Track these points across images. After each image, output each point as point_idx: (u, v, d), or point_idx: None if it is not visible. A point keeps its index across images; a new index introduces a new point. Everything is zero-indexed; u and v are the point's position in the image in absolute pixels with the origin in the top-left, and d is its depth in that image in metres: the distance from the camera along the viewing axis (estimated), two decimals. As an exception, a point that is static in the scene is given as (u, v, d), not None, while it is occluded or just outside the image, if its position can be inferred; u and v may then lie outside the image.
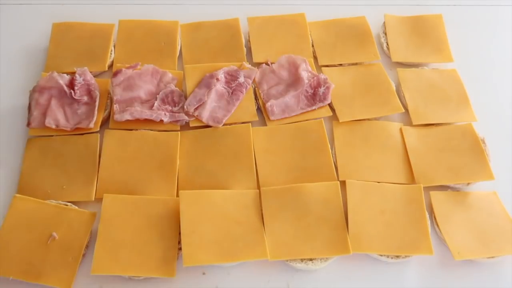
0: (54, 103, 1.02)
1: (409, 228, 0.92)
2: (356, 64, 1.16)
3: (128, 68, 1.07)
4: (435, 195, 0.97)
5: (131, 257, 0.86)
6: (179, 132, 1.02)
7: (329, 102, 1.07)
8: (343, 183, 0.96)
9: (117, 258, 0.86)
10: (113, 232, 0.88)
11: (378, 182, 0.98)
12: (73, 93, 1.03)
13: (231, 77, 1.09)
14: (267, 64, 1.13)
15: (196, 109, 1.04)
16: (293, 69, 1.11)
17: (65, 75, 1.05)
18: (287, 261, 0.89)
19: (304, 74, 1.09)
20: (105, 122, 1.05)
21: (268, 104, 1.06)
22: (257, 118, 1.06)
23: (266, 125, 1.06)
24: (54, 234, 0.87)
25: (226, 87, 1.08)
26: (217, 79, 1.07)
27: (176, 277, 0.86)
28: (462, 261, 0.90)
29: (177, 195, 0.94)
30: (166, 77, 1.09)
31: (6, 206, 0.92)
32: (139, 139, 1.01)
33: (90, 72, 1.07)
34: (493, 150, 1.04)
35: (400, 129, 1.06)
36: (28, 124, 1.00)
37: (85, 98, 1.04)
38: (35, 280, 0.84)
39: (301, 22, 1.22)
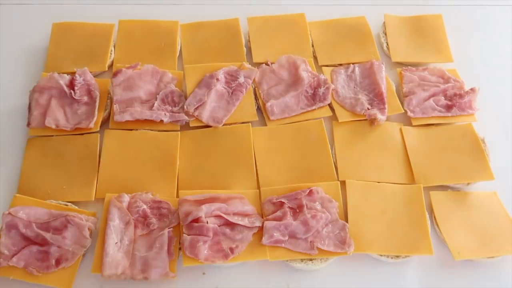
0: (54, 103, 1.02)
1: (409, 228, 0.92)
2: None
3: (128, 68, 1.07)
4: (435, 195, 0.97)
5: (131, 257, 0.86)
6: (179, 132, 1.02)
7: (329, 102, 1.07)
8: (343, 183, 0.96)
9: (117, 258, 0.86)
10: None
11: (378, 182, 0.98)
12: (73, 93, 1.02)
13: (231, 77, 1.09)
14: (267, 64, 1.13)
15: (196, 109, 1.04)
16: (293, 69, 1.11)
17: (65, 75, 1.05)
18: (287, 261, 0.89)
19: (304, 74, 1.09)
20: (105, 122, 1.05)
21: (268, 104, 1.06)
22: (257, 118, 1.06)
23: (266, 125, 1.05)
24: (54, 234, 0.87)
25: (226, 87, 1.08)
26: (217, 79, 1.07)
27: (176, 277, 0.85)
28: (462, 261, 0.90)
29: (177, 195, 0.94)
30: (166, 77, 1.09)
31: (6, 206, 0.92)
32: (139, 139, 1.00)
33: (90, 72, 1.07)
34: (493, 150, 1.03)
35: (400, 129, 1.06)
36: (28, 124, 1.00)
37: (85, 98, 1.04)
38: (35, 280, 0.84)
39: (301, 22, 1.22)
